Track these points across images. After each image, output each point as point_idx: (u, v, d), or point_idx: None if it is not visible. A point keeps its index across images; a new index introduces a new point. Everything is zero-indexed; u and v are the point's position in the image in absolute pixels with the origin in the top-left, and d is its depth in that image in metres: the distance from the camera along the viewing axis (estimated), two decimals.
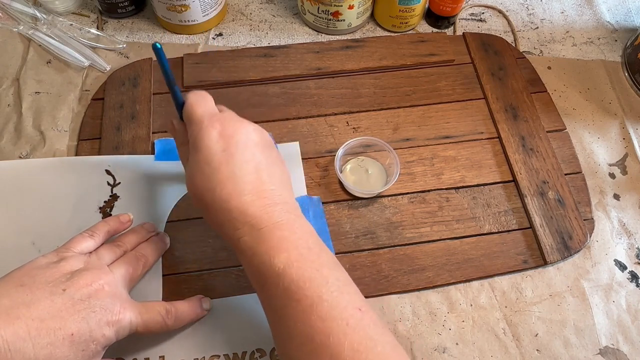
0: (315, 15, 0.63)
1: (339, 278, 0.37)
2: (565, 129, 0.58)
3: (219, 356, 0.44)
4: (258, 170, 0.38)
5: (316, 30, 0.66)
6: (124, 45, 0.63)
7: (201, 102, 0.41)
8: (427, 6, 0.66)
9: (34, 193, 0.51)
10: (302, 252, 0.36)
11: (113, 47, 0.63)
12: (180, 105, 0.42)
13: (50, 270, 0.38)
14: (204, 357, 0.44)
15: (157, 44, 0.39)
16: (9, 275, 0.38)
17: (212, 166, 0.38)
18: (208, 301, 0.46)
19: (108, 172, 0.53)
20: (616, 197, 0.55)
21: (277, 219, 0.37)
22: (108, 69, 0.61)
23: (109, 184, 0.52)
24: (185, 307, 0.43)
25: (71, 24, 0.63)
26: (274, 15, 0.68)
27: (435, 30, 0.67)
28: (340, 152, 0.52)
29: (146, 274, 0.47)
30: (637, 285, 0.50)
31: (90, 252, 0.42)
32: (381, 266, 0.49)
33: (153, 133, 0.56)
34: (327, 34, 0.66)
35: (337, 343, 0.33)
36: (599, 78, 0.63)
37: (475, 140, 0.57)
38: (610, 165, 0.57)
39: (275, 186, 0.39)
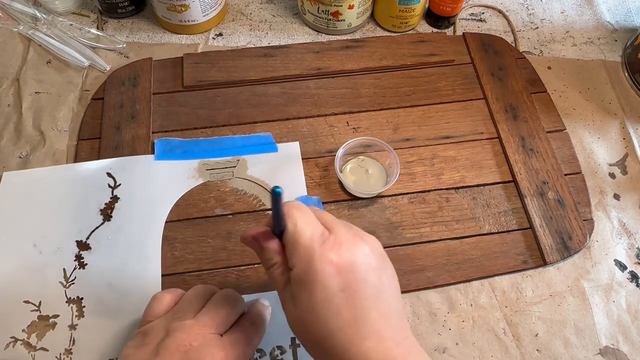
0: (315, 15, 0.63)
1: None
2: (565, 129, 0.58)
3: None
4: (378, 304, 0.33)
5: (316, 30, 0.66)
6: (124, 45, 0.63)
7: (309, 223, 0.34)
8: (427, 6, 0.66)
9: (35, 197, 0.51)
10: None
11: (113, 47, 0.63)
12: (280, 228, 0.35)
13: (138, 354, 0.36)
14: None
15: (278, 189, 0.32)
16: None
17: (332, 310, 0.32)
18: (264, 300, 0.44)
19: (109, 174, 0.53)
20: (616, 197, 0.55)
21: None
22: (108, 69, 0.61)
23: (109, 186, 0.52)
24: (257, 309, 0.42)
25: (71, 24, 0.63)
26: (274, 15, 0.68)
27: (435, 30, 0.67)
28: (340, 152, 0.52)
29: (146, 275, 0.48)
30: (637, 285, 0.50)
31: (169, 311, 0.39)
32: None
33: (153, 133, 0.56)
34: (327, 34, 0.66)
35: None
36: (599, 78, 0.63)
37: (475, 140, 0.57)
38: (610, 165, 0.57)
39: (396, 319, 0.34)
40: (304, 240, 0.33)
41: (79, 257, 0.48)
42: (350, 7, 0.61)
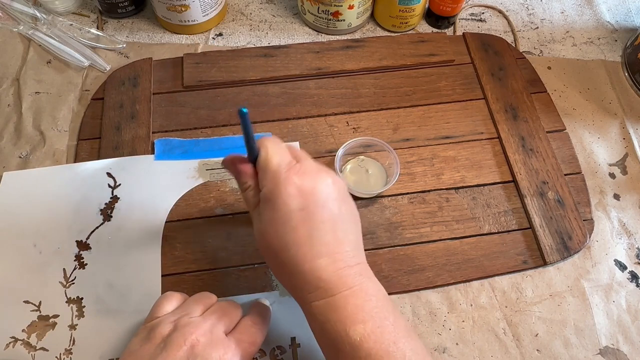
0: (315, 15, 0.63)
1: (415, 349, 0.35)
2: (565, 129, 0.58)
3: None
4: (334, 229, 0.36)
5: (316, 30, 0.66)
6: (124, 45, 0.63)
7: (278, 151, 0.38)
8: (427, 6, 0.66)
9: (35, 197, 0.51)
10: (378, 324, 0.35)
11: (113, 47, 0.63)
12: (253, 154, 0.39)
13: (144, 348, 0.36)
14: None
15: (244, 109, 0.36)
16: None
17: (289, 226, 0.36)
18: (264, 300, 0.46)
19: (109, 174, 0.53)
20: (616, 197, 0.55)
21: (351, 284, 0.36)
22: (108, 68, 0.61)
23: (109, 186, 0.52)
24: (258, 309, 0.43)
25: (71, 24, 0.63)
26: (274, 15, 0.68)
27: (435, 30, 0.67)
28: (340, 152, 0.52)
29: (146, 275, 0.48)
30: (637, 285, 0.50)
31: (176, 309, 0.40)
32: (381, 266, 0.49)
33: (153, 133, 0.56)
34: (327, 34, 0.66)
35: None
36: (599, 78, 0.63)
37: (475, 140, 0.57)
38: (610, 165, 0.57)
39: (350, 246, 0.37)
40: (272, 165, 0.37)
41: (79, 257, 0.48)
42: (350, 7, 0.61)
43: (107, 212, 0.51)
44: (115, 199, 0.51)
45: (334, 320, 0.35)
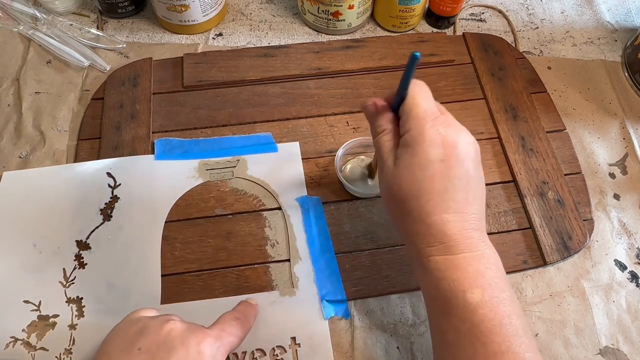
0: (315, 15, 0.63)
1: (526, 329, 0.35)
2: (565, 129, 0.58)
3: None
4: (467, 189, 0.36)
5: (316, 30, 0.66)
6: (124, 45, 0.63)
7: (426, 98, 0.37)
8: (427, 6, 0.66)
9: (35, 197, 0.51)
10: (497, 294, 0.34)
11: (113, 47, 0.63)
12: (400, 98, 0.38)
13: (122, 336, 0.37)
14: None
15: (417, 54, 0.35)
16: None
17: (426, 174, 0.35)
18: (252, 299, 0.46)
19: (109, 174, 0.53)
20: (616, 197, 0.55)
21: (475, 247, 0.35)
22: (108, 68, 0.61)
23: (109, 185, 0.52)
24: (242, 307, 0.43)
25: (71, 24, 0.63)
26: (274, 15, 0.68)
27: (435, 30, 0.67)
28: (340, 152, 0.52)
29: (146, 275, 0.48)
30: (637, 285, 0.50)
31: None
32: (381, 266, 0.49)
33: (153, 133, 0.56)
34: (327, 34, 0.66)
35: None
36: (599, 78, 0.63)
37: None
38: (610, 165, 0.57)
39: (477, 210, 0.36)
40: (420, 110, 0.36)
41: (79, 257, 0.48)
42: (350, 7, 0.61)
43: (107, 212, 0.51)
44: (115, 198, 0.51)
45: (452, 279, 0.34)
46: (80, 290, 0.47)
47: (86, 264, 0.48)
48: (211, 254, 0.49)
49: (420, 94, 0.37)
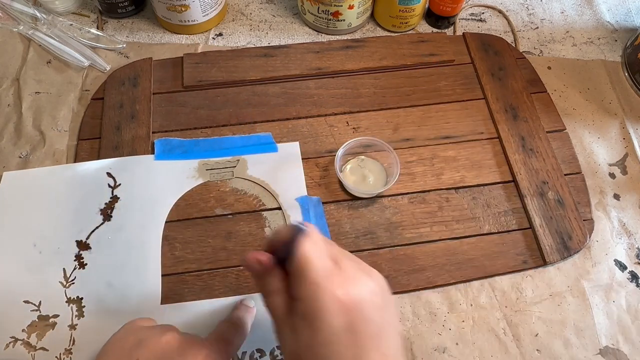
0: (315, 15, 0.63)
1: None
2: (565, 129, 0.58)
3: None
4: (379, 345, 0.32)
5: (316, 30, 0.66)
6: (124, 45, 0.63)
7: (318, 255, 0.33)
8: (427, 6, 0.66)
9: (35, 197, 0.51)
10: None
11: (113, 47, 0.63)
12: (287, 251, 0.33)
13: (119, 346, 0.37)
14: None
15: (304, 227, 0.32)
16: None
17: (331, 350, 0.31)
18: (248, 301, 0.46)
19: (109, 174, 0.53)
20: (616, 197, 0.55)
21: None
22: (108, 68, 0.61)
23: (109, 185, 0.52)
24: (238, 312, 0.43)
25: (71, 24, 0.63)
26: (274, 15, 0.68)
27: (435, 30, 0.67)
28: (340, 152, 0.52)
29: (146, 275, 0.48)
30: (637, 285, 0.50)
31: None
32: (381, 266, 0.49)
33: (153, 133, 0.56)
34: (327, 34, 0.66)
35: None
36: (599, 78, 0.63)
37: (475, 140, 0.57)
38: (610, 165, 0.57)
39: (394, 358, 0.33)
40: (312, 274, 0.32)
41: (79, 257, 0.48)
42: (350, 7, 0.61)
43: (107, 212, 0.51)
44: (115, 199, 0.51)
45: None
46: (80, 290, 0.47)
47: (86, 264, 0.48)
48: (211, 254, 0.49)
49: (310, 250, 0.32)
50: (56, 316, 0.46)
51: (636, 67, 0.62)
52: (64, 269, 0.48)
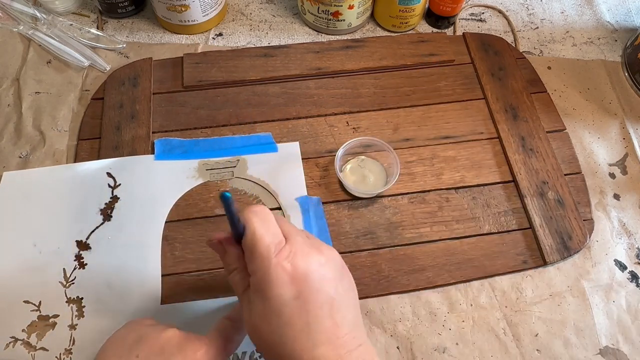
0: (315, 15, 0.63)
1: None
2: (565, 129, 0.58)
3: None
4: (332, 313, 0.34)
5: (316, 30, 0.66)
6: (124, 45, 0.63)
7: (266, 231, 0.34)
8: (427, 6, 0.66)
9: (35, 197, 0.51)
10: None
11: (113, 47, 0.63)
12: (239, 232, 0.36)
13: (120, 343, 0.37)
14: None
15: (227, 194, 0.33)
16: None
17: (283, 319, 0.33)
18: None
19: (109, 174, 0.53)
20: (616, 197, 0.55)
21: None
22: (108, 68, 0.61)
23: (109, 185, 0.52)
24: (238, 309, 0.43)
25: (71, 24, 0.63)
26: (274, 15, 0.68)
27: (435, 30, 0.67)
28: (340, 152, 0.52)
29: (146, 275, 0.48)
30: (637, 285, 0.50)
31: None
32: (381, 266, 0.49)
33: (153, 133, 0.56)
34: (327, 34, 0.66)
35: None
36: (599, 78, 0.63)
37: (475, 140, 0.57)
38: (610, 165, 0.57)
39: (349, 327, 0.34)
40: (260, 248, 0.34)
41: (79, 257, 0.48)
42: (350, 7, 0.61)
43: (107, 212, 0.51)
44: (115, 199, 0.51)
45: None
46: (80, 290, 0.47)
47: (86, 264, 0.48)
48: (211, 254, 0.49)
49: (258, 227, 0.34)
50: (56, 316, 0.46)
51: (636, 67, 0.62)
52: (64, 269, 0.48)
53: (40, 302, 0.46)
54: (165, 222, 0.51)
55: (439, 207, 0.53)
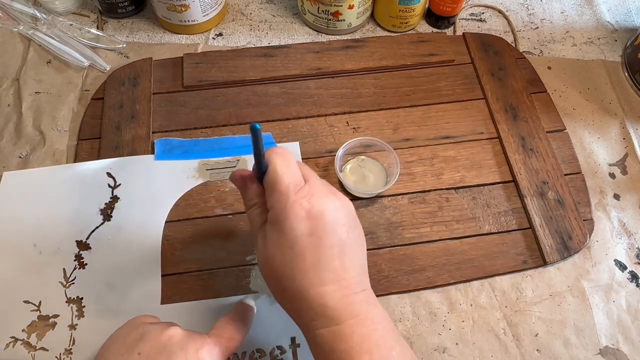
0: (315, 15, 0.63)
1: None
2: (565, 129, 0.58)
3: None
4: (342, 255, 0.35)
5: (316, 30, 0.66)
6: (124, 45, 0.63)
7: (287, 170, 0.36)
8: (427, 6, 0.66)
9: (35, 197, 0.51)
10: (385, 353, 0.34)
11: (113, 47, 0.63)
12: (261, 170, 0.37)
13: (121, 340, 0.37)
14: None
15: (257, 125, 0.34)
16: None
17: (296, 251, 0.34)
18: (249, 300, 0.46)
19: (109, 174, 0.53)
20: (616, 197, 0.55)
21: (358, 312, 0.35)
22: (108, 68, 0.61)
23: (109, 186, 0.52)
24: (239, 309, 0.43)
25: (71, 24, 0.63)
26: (274, 15, 0.68)
27: (435, 30, 0.67)
28: (340, 152, 0.52)
29: (146, 275, 0.48)
30: (637, 285, 0.50)
31: None
32: (381, 266, 0.49)
33: (153, 133, 0.56)
34: (327, 34, 0.66)
35: None
36: (599, 78, 0.63)
37: (475, 140, 0.57)
38: (610, 165, 0.57)
39: (356, 272, 0.36)
40: (281, 185, 0.35)
41: (79, 257, 0.48)
42: (350, 7, 0.61)
43: (107, 212, 0.51)
44: (115, 199, 0.51)
45: (339, 350, 0.34)
46: (80, 290, 0.47)
47: (86, 264, 0.48)
48: (211, 254, 0.49)
49: (279, 166, 0.35)
50: (56, 316, 0.46)
51: (636, 67, 0.62)
52: (64, 269, 0.48)
53: (40, 302, 0.46)
54: (165, 222, 0.51)
55: (439, 207, 0.53)
